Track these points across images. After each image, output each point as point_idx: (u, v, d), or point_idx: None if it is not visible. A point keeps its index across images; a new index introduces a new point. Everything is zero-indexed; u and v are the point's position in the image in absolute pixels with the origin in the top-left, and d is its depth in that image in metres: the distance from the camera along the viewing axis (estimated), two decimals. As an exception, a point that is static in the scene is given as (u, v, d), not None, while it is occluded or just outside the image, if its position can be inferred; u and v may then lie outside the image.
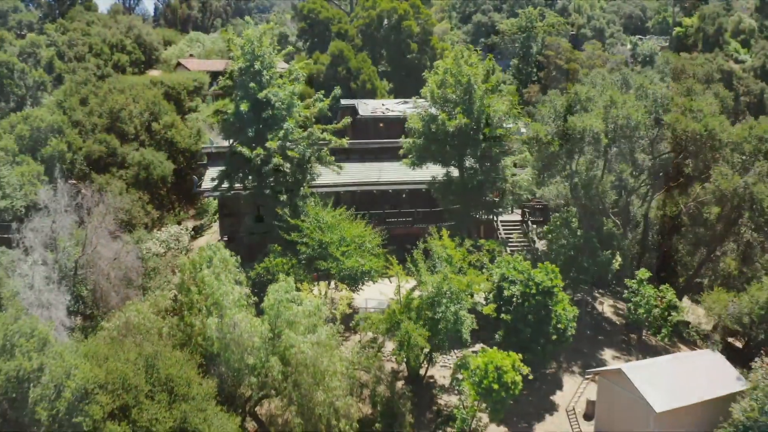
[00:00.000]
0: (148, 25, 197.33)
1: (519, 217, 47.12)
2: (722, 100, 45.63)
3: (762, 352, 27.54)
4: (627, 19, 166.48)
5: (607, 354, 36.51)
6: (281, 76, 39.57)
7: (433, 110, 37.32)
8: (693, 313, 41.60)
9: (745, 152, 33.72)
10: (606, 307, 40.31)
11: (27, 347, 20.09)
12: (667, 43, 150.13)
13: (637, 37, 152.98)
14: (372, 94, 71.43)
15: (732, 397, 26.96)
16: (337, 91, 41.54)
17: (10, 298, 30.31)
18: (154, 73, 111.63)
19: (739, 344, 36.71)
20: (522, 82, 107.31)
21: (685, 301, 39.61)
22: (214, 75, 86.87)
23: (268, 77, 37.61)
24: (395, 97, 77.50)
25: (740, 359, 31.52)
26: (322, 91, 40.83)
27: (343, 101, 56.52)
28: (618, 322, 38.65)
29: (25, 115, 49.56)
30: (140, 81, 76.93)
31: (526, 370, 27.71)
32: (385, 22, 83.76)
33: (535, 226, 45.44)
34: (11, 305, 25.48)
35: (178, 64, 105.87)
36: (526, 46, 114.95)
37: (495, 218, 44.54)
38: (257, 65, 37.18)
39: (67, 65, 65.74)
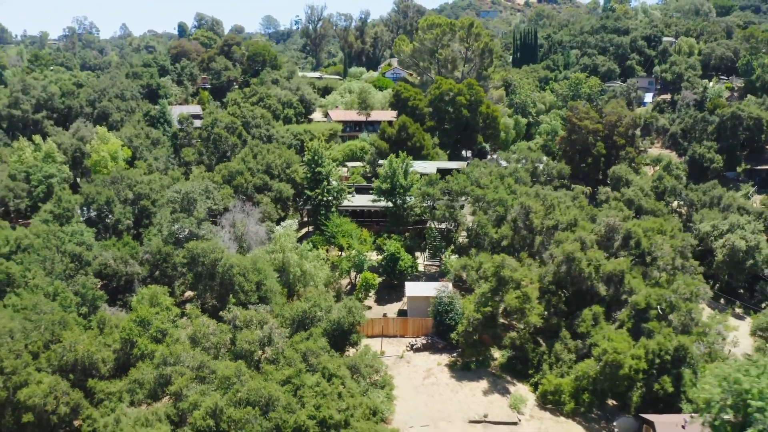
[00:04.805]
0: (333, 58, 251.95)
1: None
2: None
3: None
4: (719, 61, 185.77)
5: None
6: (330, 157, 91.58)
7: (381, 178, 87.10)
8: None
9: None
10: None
11: (208, 251, 73.11)
12: (743, 85, 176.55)
13: (714, 79, 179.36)
14: (421, 149, 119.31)
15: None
16: (357, 169, 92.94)
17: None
18: (315, 115, 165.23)
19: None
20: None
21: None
22: (350, 123, 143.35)
23: (321, 161, 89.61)
24: (442, 148, 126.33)
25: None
26: (344, 165, 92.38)
27: (380, 161, 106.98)
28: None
29: (226, 165, 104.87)
30: (298, 129, 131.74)
31: (379, 280, 76.83)
32: (446, 97, 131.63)
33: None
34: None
35: (326, 113, 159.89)
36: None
37: (431, 226, 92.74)
38: (316, 157, 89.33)
39: (249, 132, 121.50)
